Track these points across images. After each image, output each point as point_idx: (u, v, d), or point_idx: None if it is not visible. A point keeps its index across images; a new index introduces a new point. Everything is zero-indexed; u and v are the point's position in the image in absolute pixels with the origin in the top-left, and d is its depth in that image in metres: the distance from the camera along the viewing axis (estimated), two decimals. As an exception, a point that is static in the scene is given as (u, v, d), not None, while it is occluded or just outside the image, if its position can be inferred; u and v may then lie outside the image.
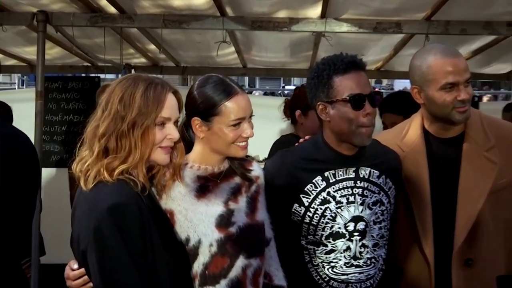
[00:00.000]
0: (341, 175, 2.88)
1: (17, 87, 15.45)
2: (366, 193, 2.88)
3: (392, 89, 20.33)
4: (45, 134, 6.77)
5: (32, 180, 3.03)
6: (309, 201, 2.86)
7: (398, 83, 22.75)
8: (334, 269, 2.86)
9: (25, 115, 5.50)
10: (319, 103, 2.85)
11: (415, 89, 3.08)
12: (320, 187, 2.87)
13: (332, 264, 2.86)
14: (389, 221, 2.96)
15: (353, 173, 2.89)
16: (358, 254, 2.86)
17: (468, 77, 2.97)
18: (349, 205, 2.86)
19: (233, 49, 6.71)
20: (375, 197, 2.90)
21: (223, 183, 2.68)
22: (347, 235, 2.85)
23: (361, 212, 2.86)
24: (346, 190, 2.87)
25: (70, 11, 5.09)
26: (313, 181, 2.88)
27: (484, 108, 7.32)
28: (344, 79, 2.79)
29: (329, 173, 2.88)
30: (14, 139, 2.97)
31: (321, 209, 2.85)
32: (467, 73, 2.98)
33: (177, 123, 2.48)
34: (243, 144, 2.65)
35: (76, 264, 2.43)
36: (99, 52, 6.44)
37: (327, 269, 2.86)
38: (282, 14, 5.14)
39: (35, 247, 4.90)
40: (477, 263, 3.01)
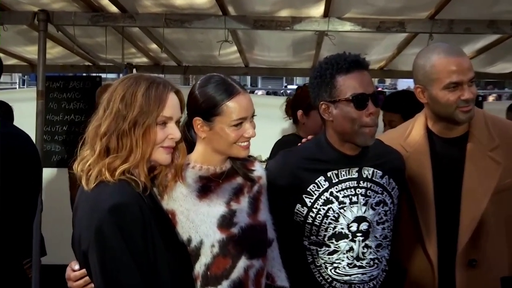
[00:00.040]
0: (344, 175, 2.88)
1: (18, 86, 15.43)
2: (369, 193, 2.88)
3: (395, 89, 20.27)
4: (46, 134, 6.76)
5: (32, 180, 3.04)
6: (312, 201, 2.86)
7: (401, 83, 22.70)
8: (337, 270, 2.86)
9: (26, 115, 5.51)
10: (322, 103, 2.85)
11: (419, 89, 3.08)
12: (323, 187, 2.87)
13: (335, 264, 2.86)
14: (392, 222, 2.95)
15: (356, 173, 2.89)
16: (361, 254, 2.85)
17: (472, 76, 2.97)
18: (352, 206, 2.85)
19: (235, 49, 6.70)
20: (378, 197, 2.90)
21: (225, 184, 2.68)
22: (350, 236, 2.84)
23: (364, 212, 2.86)
24: (349, 190, 2.87)
25: (71, 10, 5.08)
26: (316, 181, 2.87)
27: (488, 107, 7.30)
28: (347, 78, 2.79)
29: (332, 173, 2.88)
30: (14, 139, 2.97)
31: (323, 209, 2.85)
32: (471, 73, 2.97)
33: (179, 123, 2.49)
34: (245, 144, 2.64)
35: (77, 265, 2.43)
36: (101, 51, 6.45)
37: (330, 270, 2.86)
38: (284, 13, 5.14)
39: (36, 247, 4.90)
40: (481, 264, 3.00)
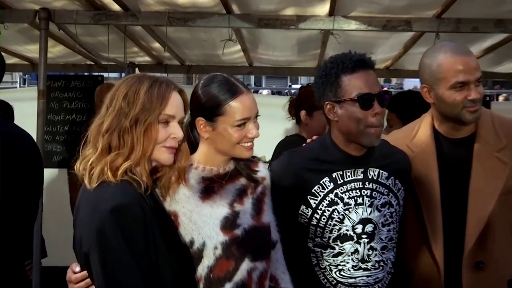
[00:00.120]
0: (349, 176, 2.88)
1: (18, 86, 15.48)
2: (374, 194, 2.88)
3: (401, 88, 20.27)
4: (47, 134, 6.78)
5: (33, 180, 3.04)
6: (317, 202, 2.86)
7: (407, 82, 22.68)
8: (341, 272, 2.86)
9: (27, 115, 5.52)
10: (327, 103, 2.85)
11: (425, 88, 3.08)
12: (327, 189, 2.86)
13: (339, 267, 2.86)
14: (398, 223, 2.95)
15: (362, 174, 2.89)
16: (366, 257, 2.85)
17: (479, 76, 2.96)
18: (357, 207, 2.85)
19: (239, 48, 6.70)
20: (384, 198, 2.90)
21: (228, 185, 2.68)
22: (355, 238, 2.84)
23: (370, 214, 2.86)
24: (354, 191, 2.87)
25: (73, 9, 5.09)
26: (321, 182, 2.87)
27: (496, 107, 7.29)
28: (352, 78, 2.79)
29: (337, 174, 2.88)
30: (15, 138, 2.97)
31: (328, 210, 2.85)
32: (478, 72, 2.97)
33: (182, 124, 2.49)
34: (249, 144, 2.64)
35: (78, 267, 2.43)
36: (103, 50, 6.45)
37: (335, 272, 2.86)
38: (289, 11, 5.14)
39: (36, 248, 4.90)
40: (488, 266, 3.00)
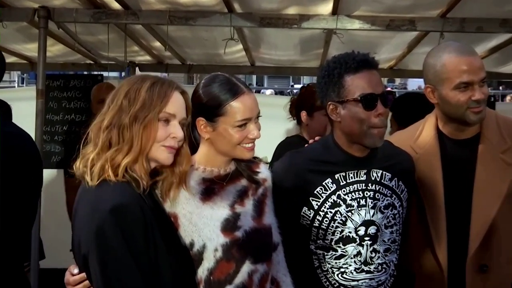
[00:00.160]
0: (352, 178, 2.87)
1: (16, 85, 15.49)
2: (377, 196, 2.88)
3: (405, 89, 20.30)
4: (45, 134, 6.77)
5: (33, 180, 3.04)
6: (319, 204, 2.86)
7: (411, 82, 22.70)
8: (344, 275, 2.85)
9: (25, 115, 5.50)
10: (329, 103, 2.85)
11: (429, 88, 3.08)
12: (330, 190, 2.86)
13: (342, 269, 2.85)
14: (401, 225, 2.95)
15: (365, 176, 2.89)
16: (369, 259, 2.85)
17: (483, 76, 2.96)
18: (360, 209, 2.85)
19: (241, 47, 6.70)
20: (387, 200, 2.89)
21: (229, 186, 2.67)
22: (357, 240, 2.84)
23: (373, 216, 2.85)
24: (357, 193, 2.86)
25: (72, 7, 5.08)
26: (323, 183, 2.87)
27: (501, 108, 7.29)
28: (355, 78, 2.78)
29: (340, 175, 2.87)
30: (14, 138, 2.97)
31: (331, 212, 2.84)
32: (483, 72, 2.97)
33: (183, 126, 2.48)
34: (250, 145, 2.64)
35: (76, 269, 2.43)
36: (103, 49, 6.44)
37: (337, 275, 2.86)
38: (292, 10, 5.12)
39: (34, 250, 4.90)
40: (492, 269, 3.00)
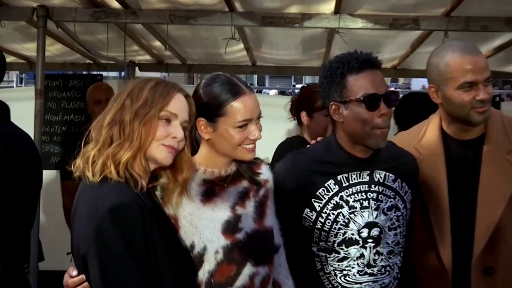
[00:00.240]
0: (354, 179, 2.87)
1: (15, 85, 15.50)
2: (381, 197, 2.87)
3: (409, 88, 20.32)
4: (44, 134, 6.77)
5: (33, 180, 3.05)
6: (321, 205, 2.86)
7: (415, 82, 22.70)
8: (346, 278, 2.85)
9: (24, 115, 5.50)
10: (332, 103, 2.85)
11: (432, 88, 3.08)
12: (332, 191, 2.86)
13: (344, 272, 2.85)
14: (405, 227, 2.95)
15: (368, 177, 2.89)
16: (372, 261, 2.85)
17: (487, 76, 2.96)
18: (363, 210, 2.85)
19: (242, 46, 6.69)
20: (391, 202, 2.89)
21: (230, 187, 2.67)
22: (360, 242, 2.84)
23: (376, 217, 2.85)
24: (360, 194, 2.86)
25: (71, 6, 5.09)
26: (326, 184, 2.87)
27: (506, 108, 7.28)
28: (358, 78, 2.78)
29: (342, 176, 2.87)
30: (15, 139, 2.99)
31: (333, 214, 2.84)
32: (487, 72, 2.97)
33: (186, 129, 2.48)
34: (250, 146, 2.64)
35: (75, 270, 2.43)
36: (102, 49, 6.45)
37: (340, 278, 2.86)
38: (294, 9, 5.12)
39: (33, 252, 4.90)
40: (497, 272, 3.00)
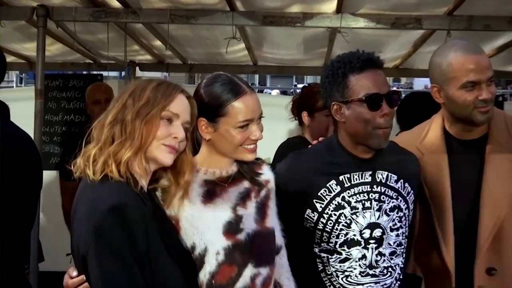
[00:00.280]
0: (356, 179, 2.87)
1: (15, 85, 15.50)
2: (383, 198, 2.87)
3: (411, 88, 20.31)
4: (44, 135, 6.77)
5: (33, 180, 3.05)
6: (323, 206, 2.86)
7: (417, 82, 22.72)
8: (348, 279, 2.85)
9: (24, 115, 5.50)
10: (333, 103, 2.85)
11: (435, 88, 3.08)
12: (334, 192, 2.86)
13: (346, 273, 2.85)
14: (407, 228, 2.94)
15: (370, 177, 2.89)
16: (374, 262, 2.85)
17: (490, 75, 2.96)
18: (365, 211, 2.85)
19: (243, 46, 6.69)
20: (393, 202, 2.89)
21: (231, 188, 2.67)
22: (362, 243, 2.84)
23: (378, 218, 2.85)
24: (362, 195, 2.86)
25: (71, 6, 5.08)
26: (327, 185, 2.87)
27: (509, 108, 7.27)
28: (360, 78, 2.78)
29: (344, 177, 2.87)
30: (15, 138, 2.99)
31: (335, 215, 2.85)
32: (490, 71, 2.97)
33: (187, 130, 2.48)
34: (251, 147, 2.64)
35: (75, 271, 2.43)
36: (102, 48, 6.45)
37: (341, 279, 2.86)
38: (295, 8, 5.12)
39: (33, 253, 4.90)
40: (501, 273, 3.00)
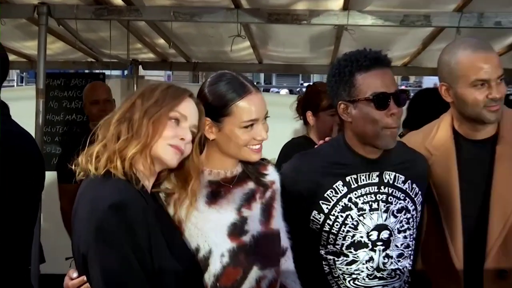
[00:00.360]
0: (363, 180, 2.87)
1: (15, 84, 15.54)
2: (390, 199, 2.87)
3: (420, 87, 20.26)
4: (46, 135, 6.77)
5: (34, 180, 3.05)
6: (329, 207, 2.86)
7: (427, 80, 22.69)
8: (355, 282, 2.85)
9: (25, 115, 5.49)
10: (340, 103, 2.85)
11: (444, 86, 3.07)
12: (341, 193, 2.86)
13: (353, 276, 2.85)
14: (415, 230, 2.95)
15: (377, 178, 2.89)
16: (381, 265, 2.85)
17: (500, 73, 2.95)
18: (372, 213, 2.85)
19: (248, 44, 6.70)
20: (400, 203, 2.89)
21: (236, 189, 2.67)
22: (369, 245, 2.84)
23: (385, 220, 2.85)
24: (369, 196, 2.86)
25: (73, 3, 5.08)
26: (334, 186, 2.87)
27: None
28: (367, 76, 2.78)
29: (351, 177, 2.87)
30: (15, 138, 3.00)
31: (342, 216, 2.85)
32: (500, 70, 2.96)
33: (193, 134, 2.48)
34: (257, 147, 2.64)
35: (75, 273, 2.43)
36: (104, 47, 6.45)
37: (348, 281, 2.86)
38: (301, 6, 5.11)
39: (35, 255, 4.90)
40: (511, 275, 2.99)
